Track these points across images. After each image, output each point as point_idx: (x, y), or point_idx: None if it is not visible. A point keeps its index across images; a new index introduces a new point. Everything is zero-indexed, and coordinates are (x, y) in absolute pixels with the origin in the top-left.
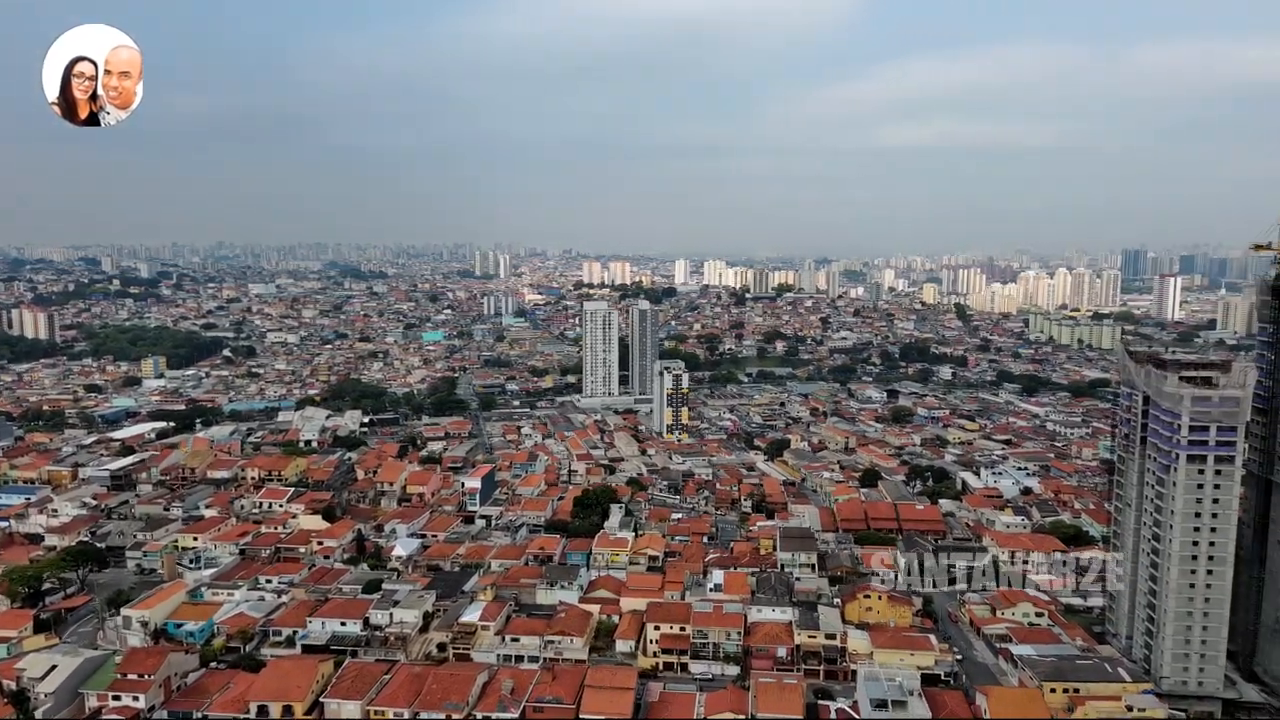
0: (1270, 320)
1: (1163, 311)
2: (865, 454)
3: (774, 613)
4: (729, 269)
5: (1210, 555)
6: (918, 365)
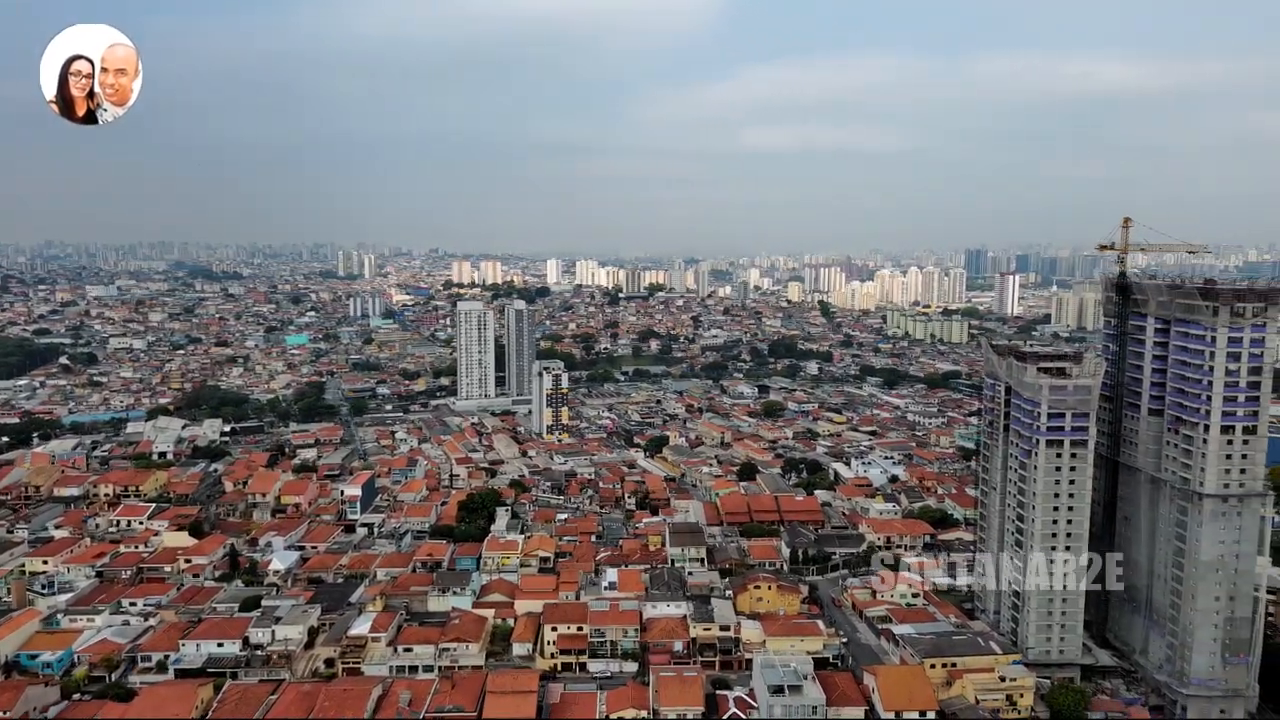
0: (1114, 315)
1: (1004, 307)
2: (741, 448)
3: (669, 608)
4: (601, 269)
5: (1068, 533)
6: (786, 361)
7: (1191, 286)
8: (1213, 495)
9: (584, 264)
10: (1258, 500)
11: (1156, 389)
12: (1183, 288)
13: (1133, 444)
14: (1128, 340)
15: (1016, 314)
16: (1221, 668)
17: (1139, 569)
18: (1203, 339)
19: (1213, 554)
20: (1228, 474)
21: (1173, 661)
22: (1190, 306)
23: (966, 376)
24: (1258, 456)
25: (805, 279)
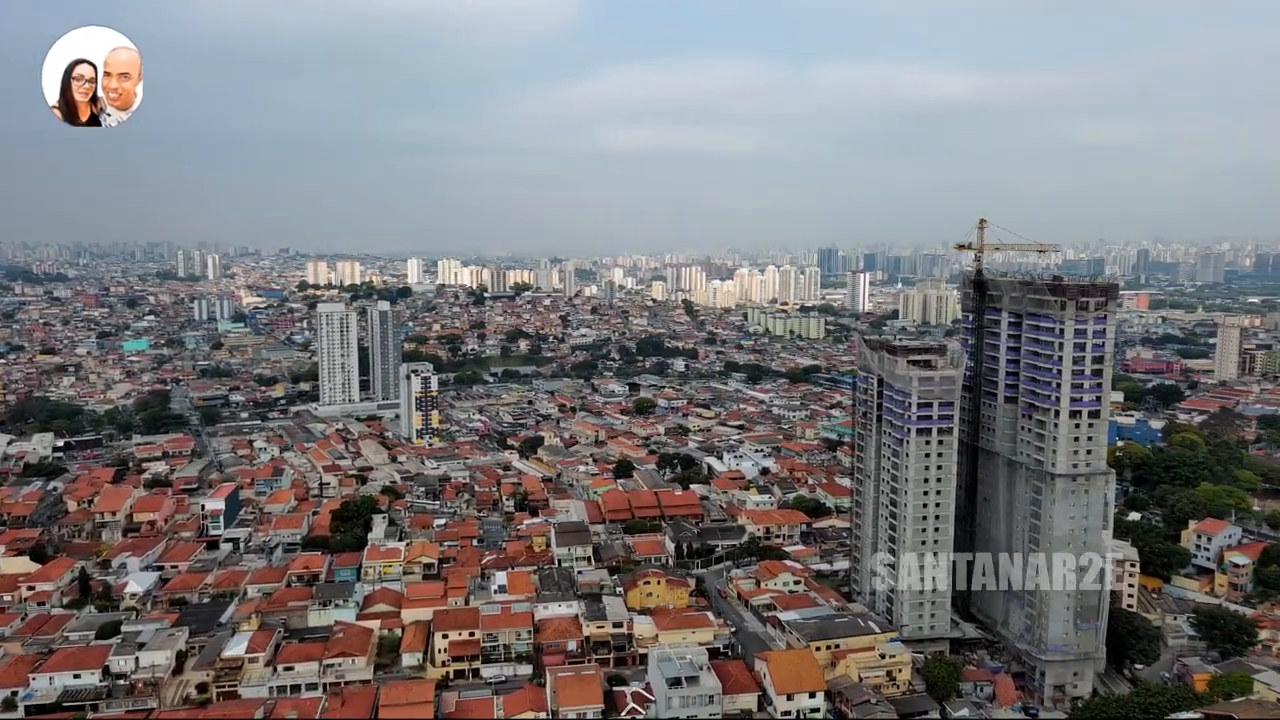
0: (972, 310)
1: (856, 304)
2: (616, 446)
3: (561, 608)
4: (464, 268)
5: (937, 515)
6: (654, 359)
7: (1042, 283)
8: (1063, 475)
9: (446, 263)
10: (1101, 478)
11: (1011, 378)
12: (1034, 284)
13: (991, 430)
14: (984, 333)
15: (868, 310)
16: (1074, 634)
17: (999, 546)
18: (1052, 331)
19: (1064, 529)
20: (1076, 455)
21: (1031, 630)
22: (1041, 301)
23: (825, 370)
24: (1101, 438)
25: (667, 278)
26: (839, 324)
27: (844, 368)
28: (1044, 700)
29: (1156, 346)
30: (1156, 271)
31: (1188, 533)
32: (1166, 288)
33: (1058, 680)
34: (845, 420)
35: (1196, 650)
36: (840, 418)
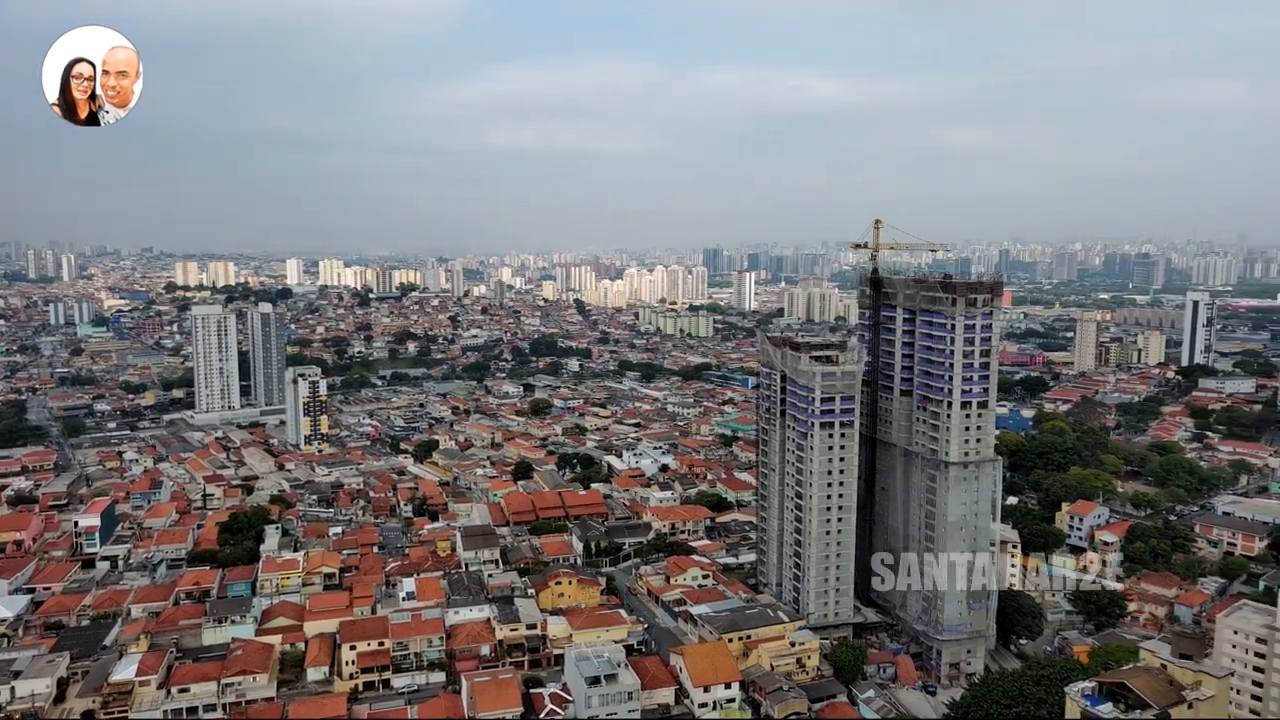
0: (868, 307)
1: (742, 302)
2: (513, 447)
3: (472, 612)
4: (347, 269)
5: (840, 505)
6: (547, 359)
7: (934, 281)
8: (956, 463)
9: (328, 263)
10: (990, 465)
11: (906, 372)
12: (927, 282)
13: (888, 422)
14: (880, 329)
15: (754, 309)
16: (968, 614)
17: (896, 533)
18: (944, 326)
19: (958, 514)
20: (967, 444)
21: (928, 612)
22: (933, 298)
23: (716, 368)
24: (989, 428)
25: (557, 277)
26: (727, 322)
27: (734, 365)
28: (940, 678)
29: (1020, 341)
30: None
31: (1061, 514)
32: (1026, 285)
33: (953, 658)
34: (739, 416)
35: (1074, 624)
36: (733, 414)
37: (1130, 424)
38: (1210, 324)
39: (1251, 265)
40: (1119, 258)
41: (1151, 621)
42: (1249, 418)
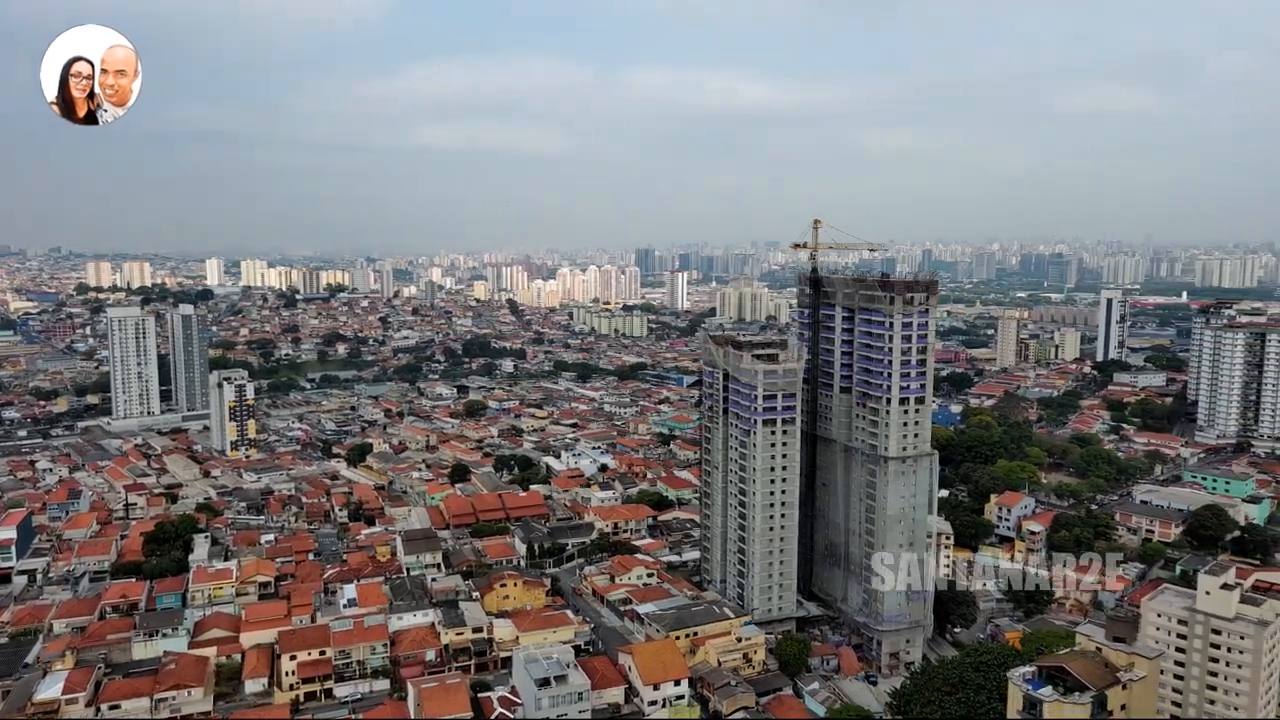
0: (807, 305)
1: (675, 302)
2: (449, 450)
3: (416, 617)
4: (270, 269)
5: (783, 501)
6: (481, 360)
7: (872, 280)
8: (895, 458)
9: (250, 264)
10: (927, 459)
11: (846, 369)
12: (865, 281)
13: (828, 419)
14: (820, 328)
15: (686, 308)
16: (906, 605)
17: (837, 528)
18: (882, 324)
19: (897, 508)
20: (905, 439)
21: (869, 604)
22: (872, 297)
23: (652, 367)
24: (926, 422)
25: (489, 278)
26: (661, 322)
27: (669, 364)
28: (881, 668)
29: (944, 338)
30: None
31: (990, 506)
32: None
33: (893, 648)
34: (676, 415)
35: (1004, 611)
36: (670, 412)
37: (1051, 417)
38: (1123, 321)
39: (1158, 265)
40: (1034, 257)
41: (1077, 607)
42: (1161, 410)
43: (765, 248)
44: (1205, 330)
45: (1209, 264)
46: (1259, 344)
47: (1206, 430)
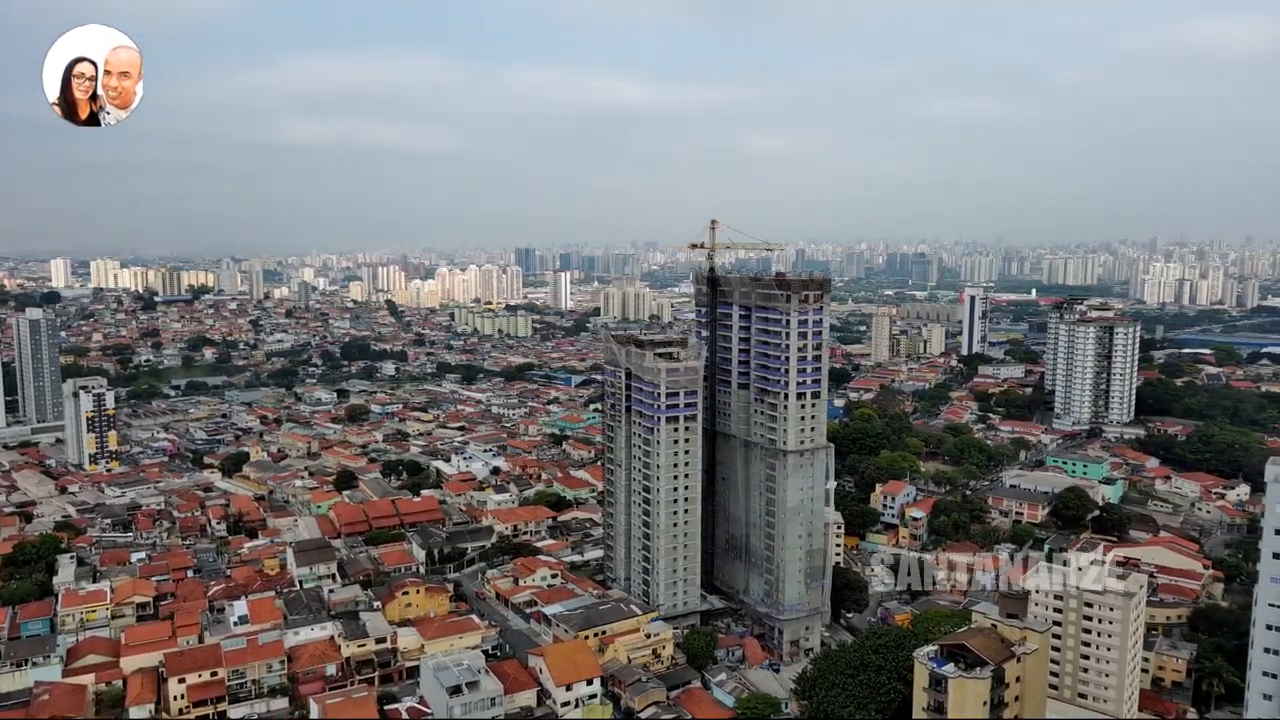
0: (705, 304)
1: (559, 302)
2: (332, 456)
3: (314, 631)
4: (124, 269)
5: (686, 498)
6: (361, 363)
7: (769, 279)
8: (793, 451)
9: (101, 264)
10: (823, 451)
11: (744, 366)
12: (761, 280)
13: (727, 415)
14: (718, 326)
15: (570, 308)
16: (806, 593)
17: (738, 521)
18: (779, 322)
19: (796, 500)
20: (803, 432)
21: (770, 594)
22: (769, 295)
23: (538, 367)
24: (822, 416)
25: (365, 278)
26: (545, 322)
27: (556, 364)
28: (783, 655)
29: None
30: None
31: (876, 495)
32: None
33: (793, 636)
34: (566, 415)
35: (893, 595)
36: (560, 413)
37: (925, 409)
38: (985, 316)
39: (1009, 264)
40: (899, 257)
41: (957, 588)
42: (1022, 400)
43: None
44: (1060, 325)
45: (1055, 263)
46: (1108, 337)
47: (1063, 418)
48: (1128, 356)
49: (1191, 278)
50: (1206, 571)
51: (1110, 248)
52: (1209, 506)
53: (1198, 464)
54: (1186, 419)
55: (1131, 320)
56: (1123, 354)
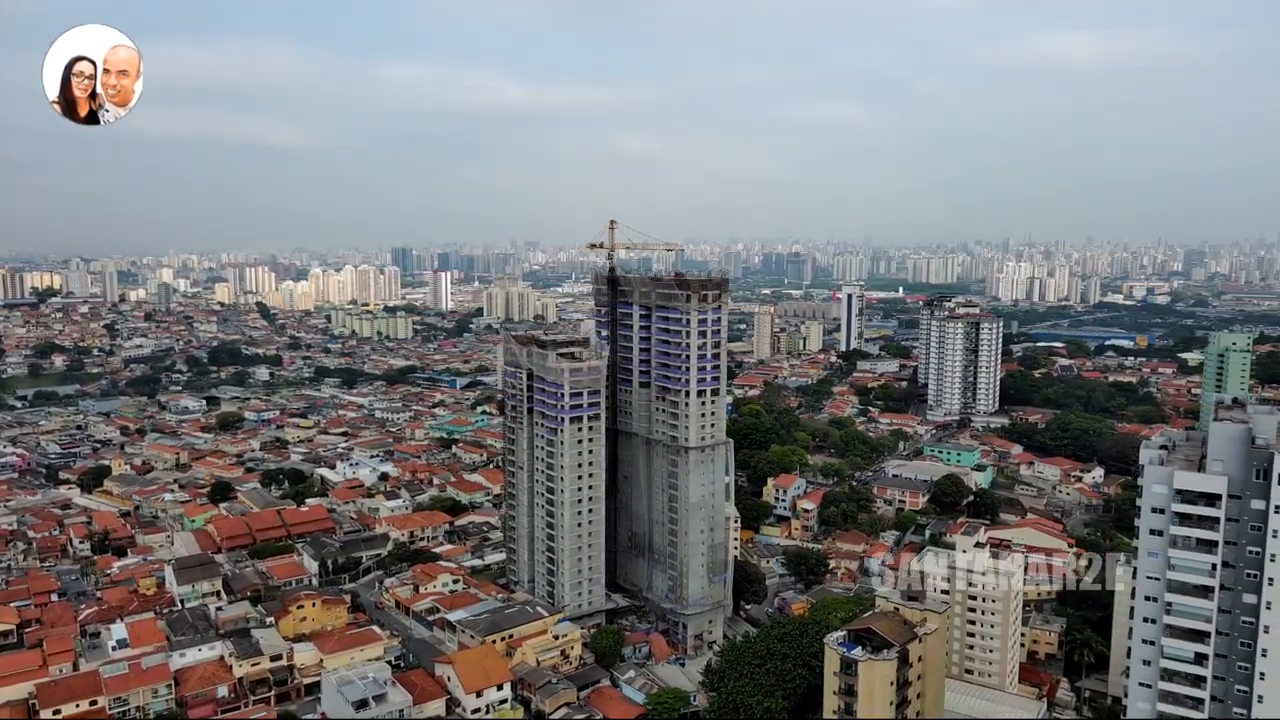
0: (605, 304)
1: (439, 302)
2: (204, 467)
3: (202, 652)
4: None
5: (590, 497)
6: (231, 368)
7: (669, 278)
8: (695, 448)
9: None
10: (723, 447)
11: (645, 365)
12: (662, 280)
13: (628, 413)
14: (618, 325)
15: (451, 309)
16: (709, 587)
17: (640, 519)
18: (679, 321)
19: (698, 495)
20: (704, 429)
21: (674, 590)
22: (669, 295)
23: (421, 370)
24: (721, 412)
25: (231, 279)
26: (426, 323)
27: (440, 366)
28: (687, 649)
29: None
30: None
31: (768, 488)
32: None
33: (697, 630)
34: (454, 419)
35: (788, 585)
36: (447, 416)
37: (810, 404)
38: (861, 314)
39: (877, 263)
40: (774, 256)
41: (848, 575)
42: (898, 393)
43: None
44: (931, 321)
45: (919, 262)
46: (974, 332)
47: (936, 409)
48: (993, 350)
49: (1041, 276)
50: (1070, 549)
51: (967, 248)
52: (1068, 489)
53: (1057, 450)
54: (1045, 408)
55: (995, 316)
56: (988, 348)
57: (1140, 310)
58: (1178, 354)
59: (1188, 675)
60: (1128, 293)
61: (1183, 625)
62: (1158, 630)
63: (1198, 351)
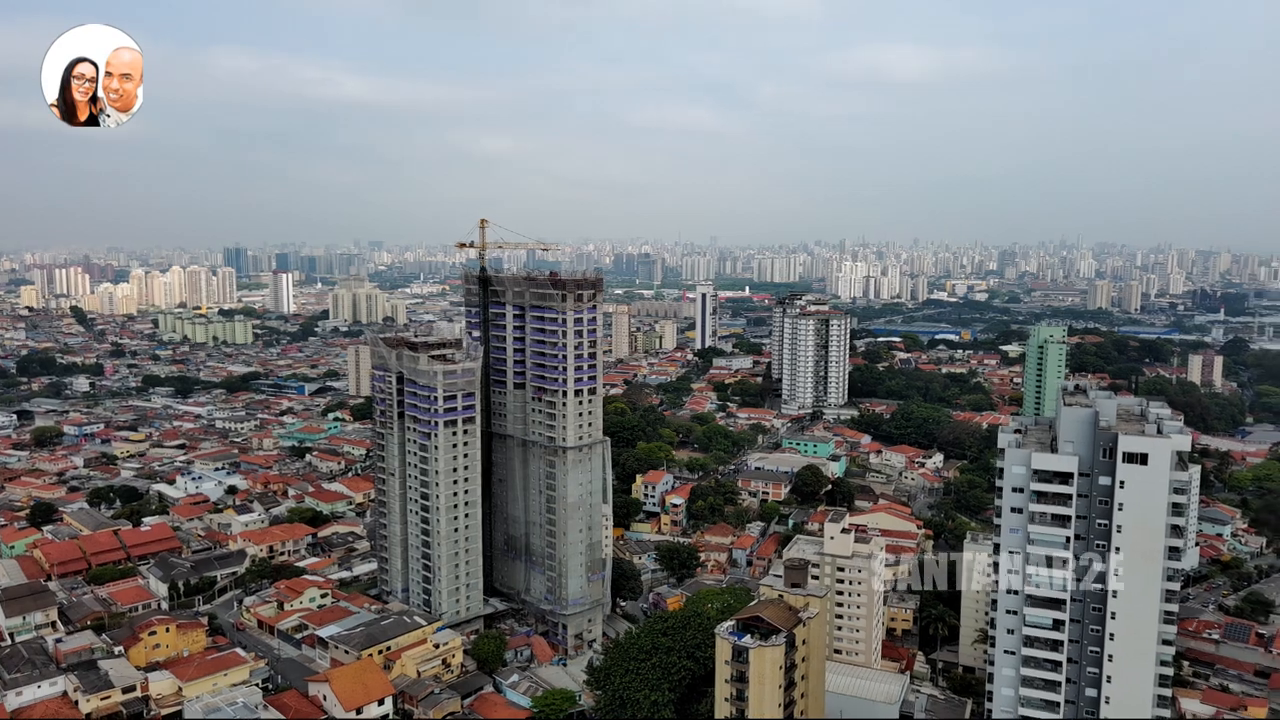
0: (476, 304)
1: (280, 305)
2: (20, 488)
3: (41, 689)
4: None
5: (467, 502)
6: (45, 379)
7: (543, 278)
8: (573, 447)
9: None
10: (600, 446)
11: (519, 365)
12: (536, 279)
13: (503, 415)
14: (490, 326)
15: (294, 311)
16: (588, 586)
17: (517, 522)
18: (555, 321)
19: (576, 495)
20: (581, 428)
21: (553, 591)
22: (544, 295)
23: (265, 376)
24: (598, 411)
25: (38, 281)
26: (267, 327)
27: (285, 372)
28: (568, 649)
29: None
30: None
31: (637, 485)
32: None
33: (577, 630)
34: (305, 426)
35: (662, 580)
36: (297, 424)
37: (671, 401)
38: (715, 313)
39: (724, 263)
40: (625, 257)
41: (717, 567)
42: (755, 388)
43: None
44: (784, 318)
45: (764, 262)
46: (824, 329)
47: (790, 403)
48: (842, 346)
49: (875, 275)
50: (920, 530)
51: (808, 248)
52: (913, 474)
53: (901, 438)
54: (889, 399)
55: (843, 314)
56: (838, 344)
57: (963, 306)
58: (999, 346)
59: (1047, 640)
60: (951, 290)
61: (1041, 595)
62: (1019, 600)
63: (1016, 344)
